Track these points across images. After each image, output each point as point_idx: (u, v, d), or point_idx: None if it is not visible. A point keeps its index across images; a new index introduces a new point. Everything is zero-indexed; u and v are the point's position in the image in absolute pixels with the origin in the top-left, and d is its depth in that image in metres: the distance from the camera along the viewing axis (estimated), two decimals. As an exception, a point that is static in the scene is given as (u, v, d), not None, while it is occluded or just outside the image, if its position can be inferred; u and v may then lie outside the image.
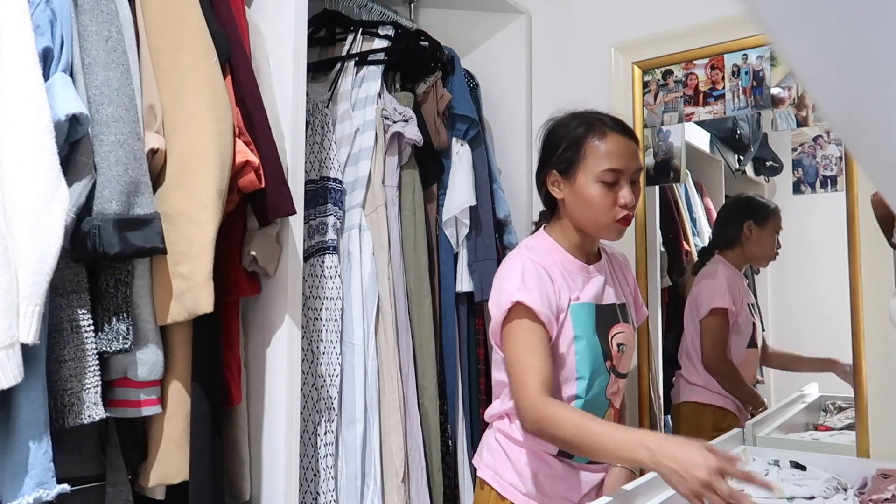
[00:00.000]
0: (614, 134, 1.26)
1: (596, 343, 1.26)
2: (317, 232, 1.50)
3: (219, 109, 1.14)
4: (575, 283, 1.27)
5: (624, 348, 1.31)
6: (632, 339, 1.34)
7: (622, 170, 1.24)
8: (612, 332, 1.30)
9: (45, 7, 1.00)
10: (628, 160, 1.25)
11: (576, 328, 1.24)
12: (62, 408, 0.99)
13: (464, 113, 1.80)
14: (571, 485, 1.28)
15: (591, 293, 1.29)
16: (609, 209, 1.24)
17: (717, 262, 1.89)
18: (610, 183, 1.24)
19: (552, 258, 1.28)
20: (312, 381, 1.45)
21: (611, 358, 1.28)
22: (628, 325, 1.34)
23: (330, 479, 1.42)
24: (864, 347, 1.57)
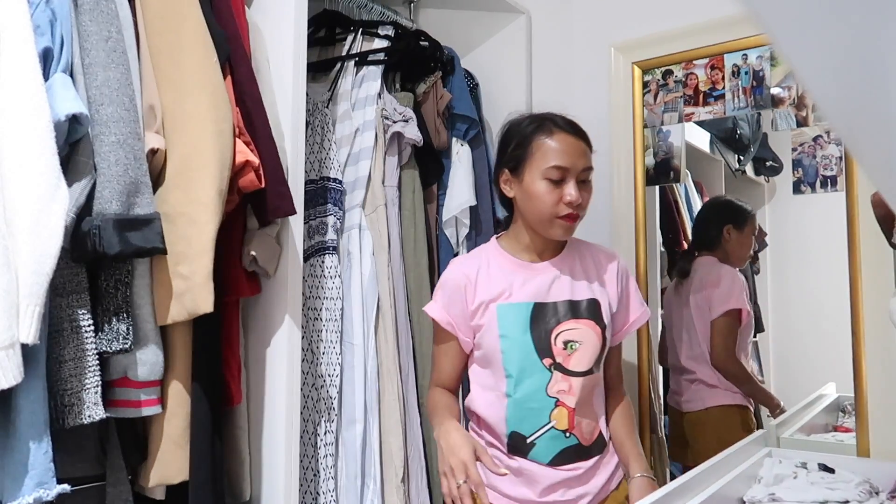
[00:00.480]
0: (562, 132, 1.28)
1: (526, 341, 1.28)
2: (317, 232, 1.50)
3: (219, 109, 1.14)
4: (508, 283, 1.31)
5: (576, 345, 1.29)
6: (592, 336, 1.30)
7: (568, 167, 1.25)
8: (556, 330, 1.29)
9: (45, 7, 1.00)
10: (575, 159, 1.26)
11: (501, 327, 1.29)
12: (62, 408, 0.99)
13: (464, 113, 1.80)
14: (526, 481, 1.29)
15: (530, 292, 1.31)
16: (554, 205, 1.26)
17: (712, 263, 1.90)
18: (556, 180, 1.25)
19: (488, 260, 1.35)
20: (312, 382, 1.45)
21: (551, 355, 1.28)
22: (586, 322, 1.30)
23: (330, 480, 1.42)
24: (864, 347, 1.57)
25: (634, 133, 1.95)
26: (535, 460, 1.28)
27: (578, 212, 1.27)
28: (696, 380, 1.88)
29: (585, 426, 1.31)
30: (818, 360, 1.89)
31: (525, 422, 1.28)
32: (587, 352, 1.29)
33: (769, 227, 2.09)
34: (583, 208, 1.28)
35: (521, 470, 1.29)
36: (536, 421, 1.28)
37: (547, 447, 1.28)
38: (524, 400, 1.28)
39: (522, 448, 1.28)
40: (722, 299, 1.84)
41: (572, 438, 1.28)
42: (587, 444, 1.31)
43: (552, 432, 1.28)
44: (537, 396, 1.27)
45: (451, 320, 1.33)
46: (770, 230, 2.08)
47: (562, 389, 1.28)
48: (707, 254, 1.92)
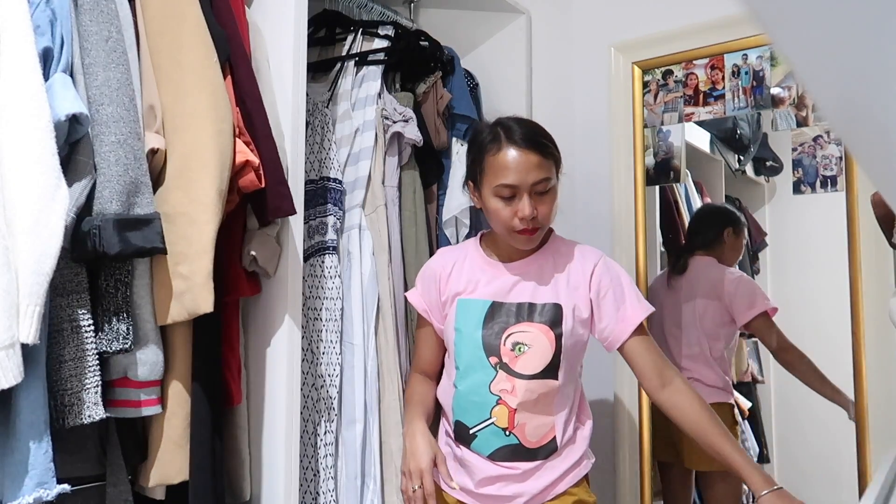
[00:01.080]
0: (511, 147, 1.24)
1: (476, 337, 1.30)
2: (317, 232, 1.50)
3: (219, 109, 1.14)
4: (476, 279, 1.35)
5: (524, 348, 1.28)
6: (543, 340, 1.28)
7: (516, 184, 1.23)
8: (508, 331, 1.29)
9: (45, 7, 1.00)
10: (523, 174, 1.23)
11: (457, 321, 1.33)
12: (62, 408, 0.99)
13: (464, 113, 1.80)
14: (467, 470, 1.33)
15: (491, 290, 1.33)
16: (508, 221, 1.25)
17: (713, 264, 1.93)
18: (506, 197, 1.25)
19: (466, 254, 1.40)
20: (312, 382, 1.45)
21: (497, 355, 1.29)
22: (539, 326, 1.28)
23: (330, 479, 1.42)
24: (864, 347, 1.57)
25: (634, 133, 1.96)
26: (476, 451, 1.31)
27: (534, 225, 1.26)
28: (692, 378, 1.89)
29: (531, 429, 1.29)
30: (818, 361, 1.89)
31: (468, 413, 1.32)
32: (536, 356, 1.28)
33: (769, 227, 2.09)
34: (540, 221, 1.26)
35: (464, 459, 1.33)
36: (478, 414, 1.31)
37: (487, 441, 1.30)
38: (467, 393, 1.32)
39: (465, 438, 1.33)
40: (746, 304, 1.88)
41: (512, 437, 1.29)
42: (531, 446, 1.30)
43: (492, 428, 1.30)
44: (480, 391, 1.30)
45: (426, 307, 1.40)
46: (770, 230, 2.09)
47: (504, 389, 1.29)
48: (703, 254, 1.95)
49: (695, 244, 1.98)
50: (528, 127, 1.29)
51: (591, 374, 1.89)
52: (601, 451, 1.51)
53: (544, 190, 1.25)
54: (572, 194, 2.07)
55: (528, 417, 1.29)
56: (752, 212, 2.16)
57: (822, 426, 1.90)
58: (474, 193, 1.35)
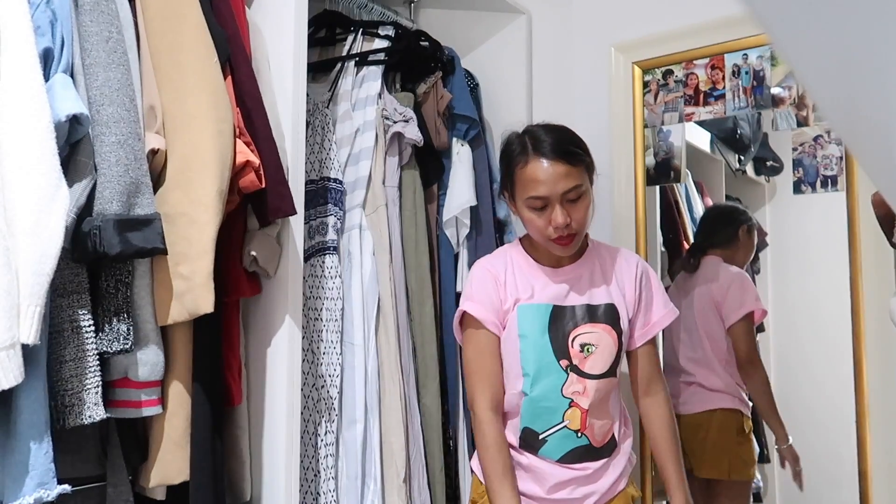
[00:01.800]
0: (537, 160, 1.25)
1: (545, 342, 1.30)
2: (317, 232, 1.50)
3: (219, 110, 1.14)
4: (530, 285, 1.34)
5: (592, 348, 1.31)
6: (608, 340, 1.32)
7: (546, 196, 1.24)
8: (574, 333, 1.31)
9: (45, 7, 1.00)
10: (552, 185, 1.24)
11: (521, 327, 1.31)
12: (63, 408, 0.99)
13: (464, 113, 1.80)
14: (535, 477, 1.32)
15: (550, 294, 1.33)
16: (543, 230, 1.27)
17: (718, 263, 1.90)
18: (539, 208, 1.26)
19: (512, 261, 1.37)
20: (313, 382, 1.45)
21: (567, 357, 1.30)
22: (602, 326, 1.32)
23: (330, 480, 1.42)
24: (865, 347, 1.57)
25: (635, 133, 1.95)
26: (545, 457, 1.31)
27: (569, 232, 1.26)
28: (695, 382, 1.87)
29: (598, 428, 1.32)
30: (818, 360, 1.89)
31: (539, 419, 1.31)
32: (603, 355, 1.31)
33: (769, 227, 2.09)
34: (575, 227, 1.27)
35: (531, 466, 1.32)
36: (550, 419, 1.30)
37: (558, 445, 1.30)
38: (539, 399, 1.30)
39: (534, 444, 1.31)
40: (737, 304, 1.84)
41: (584, 439, 1.31)
42: (598, 445, 1.33)
43: (564, 431, 1.30)
44: (552, 396, 1.30)
45: (492, 318, 1.33)
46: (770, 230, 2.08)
47: (576, 391, 1.30)
48: (715, 253, 1.92)
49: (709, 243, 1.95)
50: (556, 135, 1.28)
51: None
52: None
53: (576, 197, 1.26)
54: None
55: (596, 416, 1.32)
56: (753, 212, 2.15)
57: (822, 426, 1.90)
58: (511, 204, 1.36)
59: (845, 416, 1.66)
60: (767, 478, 2.08)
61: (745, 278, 1.88)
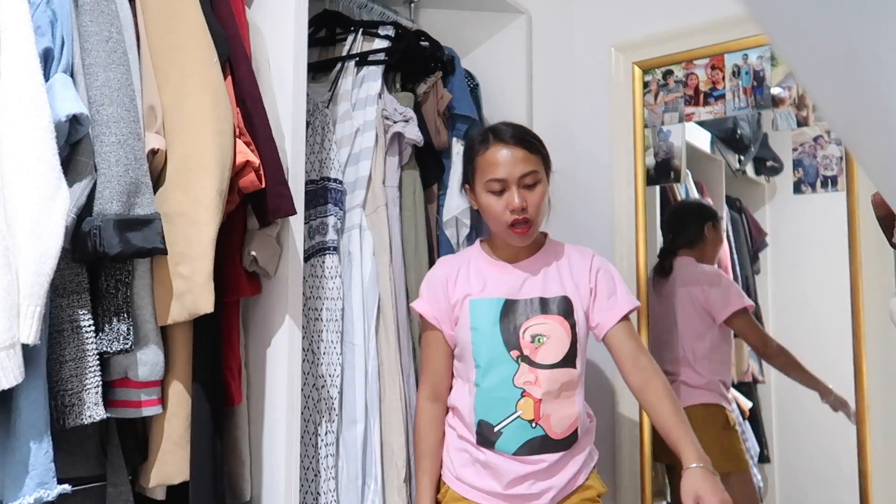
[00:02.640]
0: (497, 144, 1.34)
1: (495, 333, 1.35)
2: (317, 232, 1.50)
3: (219, 110, 1.14)
4: (484, 280, 1.40)
5: (543, 339, 1.34)
6: (560, 331, 1.35)
7: (504, 178, 1.33)
8: (525, 324, 1.35)
9: (45, 7, 1.00)
10: (510, 167, 1.32)
11: (473, 320, 1.37)
12: (63, 408, 0.99)
13: (464, 113, 1.80)
14: (493, 473, 1.34)
15: (503, 288, 1.38)
16: (501, 215, 1.34)
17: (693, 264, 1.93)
18: (497, 191, 1.33)
19: (469, 260, 1.45)
20: (313, 382, 1.45)
21: (518, 348, 1.34)
22: (555, 318, 1.36)
23: (331, 480, 1.42)
24: (865, 347, 1.57)
25: (635, 133, 1.95)
26: (501, 451, 1.33)
27: (527, 216, 1.33)
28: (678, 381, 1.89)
29: (556, 419, 1.33)
30: (818, 361, 1.88)
31: (492, 410, 1.34)
32: (556, 346, 1.35)
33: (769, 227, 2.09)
34: (531, 213, 1.33)
35: (489, 462, 1.34)
36: (503, 410, 1.33)
37: (513, 437, 1.32)
38: (491, 389, 1.34)
39: (490, 437, 1.34)
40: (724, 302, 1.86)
41: (539, 429, 1.33)
42: (556, 437, 1.33)
43: (518, 422, 1.33)
44: (504, 386, 1.34)
45: (436, 314, 1.42)
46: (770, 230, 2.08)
47: (528, 381, 1.33)
48: (686, 253, 1.94)
49: (677, 244, 1.96)
50: (515, 127, 1.38)
51: (592, 374, 1.89)
52: (601, 450, 1.51)
53: (532, 182, 1.34)
54: (572, 194, 2.06)
55: (553, 408, 1.33)
56: (753, 212, 2.15)
57: (822, 426, 1.90)
58: (471, 195, 1.43)
59: (845, 416, 1.66)
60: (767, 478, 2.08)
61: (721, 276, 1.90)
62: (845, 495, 1.66)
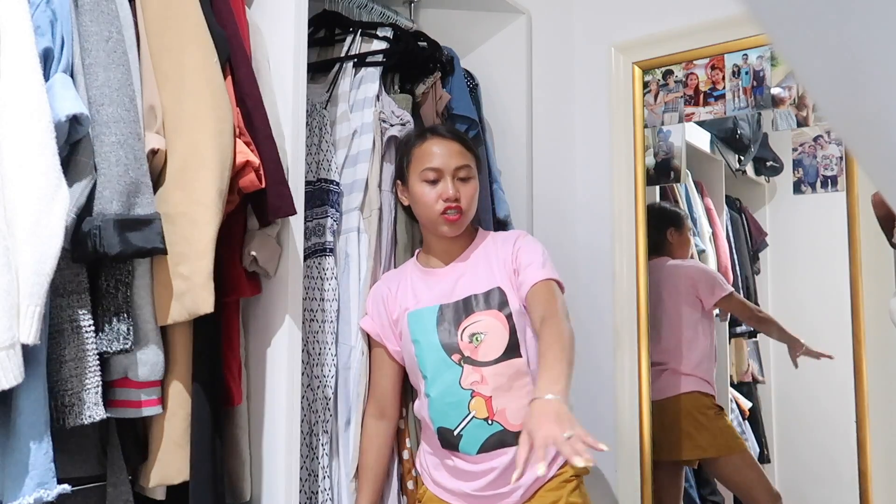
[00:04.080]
0: (434, 137, 1.42)
1: (434, 341, 1.36)
2: (314, 233, 1.49)
3: (219, 110, 1.14)
4: (416, 291, 1.42)
5: (481, 336, 1.34)
6: (497, 325, 1.34)
7: (440, 168, 1.38)
8: (461, 326, 1.35)
9: (45, 7, 1.00)
10: (447, 158, 1.38)
11: (412, 332, 1.39)
12: (63, 408, 0.99)
13: (463, 113, 1.79)
14: (461, 475, 1.36)
15: (435, 295, 1.40)
16: (434, 204, 1.37)
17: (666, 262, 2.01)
18: (432, 181, 1.38)
19: (406, 273, 1.46)
20: (308, 383, 1.44)
21: (458, 351, 1.34)
22: (488, 312, 1.35)
23: (326, 479, 1.42)
24: (865, 347, 1.57)
25: (635, 133, 1.95)
26: (465, 453, 1.34)
27: (459, 206, 1.36)
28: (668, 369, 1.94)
29: (511, 412, 1.31)
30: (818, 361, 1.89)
31: (447, 416, 1.35)
32: (495, 341, 1.34)
33: (769, 227, 2.09)
34: (463, 204, 1.37)
35: (455, 466, 1.36)
36: (458, 413, 1.34)
37: (473, 437, 1.33)
38: (441, 396, 1.35)
39: (452, 441, 1.34)
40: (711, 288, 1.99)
41: (496, 425, 1.32)
42: (516, 429, 1.28)
43: (474, 422, 1.33)
44: (452, 391, 1.34)
45: (378, 331, 1.44)
46: (770, 230, 2.09)
47: (474, 381, 1.33)
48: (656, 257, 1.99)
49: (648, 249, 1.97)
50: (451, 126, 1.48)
51: (591, 373, 1.89)
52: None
53: (466, 176, 1.40)
54: (572, 194, 2.07)
55: (506, 401, 1.32)
56: (753, 212, 2.16)
57: (822, 426, 1.90)
58: (403, 192, 1.47)
59: (845, 416, 1.66)
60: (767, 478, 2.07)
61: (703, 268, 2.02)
62: (845, 495, 1.66)
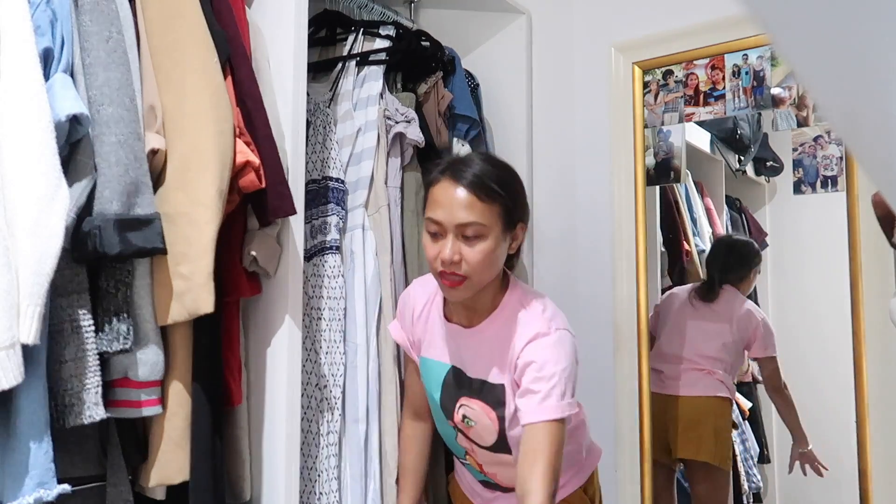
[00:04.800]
0: (447, 182, 1.11)
1: (436, 398, 1.30)
2: (319, 231, 1.50)
3: (219, 109, 1.14)
4: (433, 333, 1.28)
5: (471, 422, 1.22)
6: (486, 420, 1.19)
7: (441, 221, 1.10)
8: (460, 401, 1.24)
9: (45, 7, 1.00)
10: (451, 212, 1.09)
11: (423, 375, 1.34)
12: (63, 408, 0.99)
13: (465, 113, 1.80)
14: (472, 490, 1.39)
15: (451, 353, 1.25)
16: (433, 261, 1.13)
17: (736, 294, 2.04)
18: (432, 233, 1.13)
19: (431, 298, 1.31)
20: (315, 381, 1.45)
21: (453, 420, 1.27)
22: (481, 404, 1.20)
23: (333, 480, 1.42)
24: (865, 347, 1.57)
25: (635, 133, 1.95)
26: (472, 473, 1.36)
27: (457, 272, 1.10)
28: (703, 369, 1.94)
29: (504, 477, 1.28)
30: (818, 360, 1.89)
31: (451, 446, 1.37)
32: (482, 433, 1.22)
33: (769, 227, 2.09)
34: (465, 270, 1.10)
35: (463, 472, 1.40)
36: (458, 451, 1.35)
37: (472, 471, 1.35)
38: (442, 435, 1.38)
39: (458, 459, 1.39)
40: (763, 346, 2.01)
41: (489, 479, 1.32)
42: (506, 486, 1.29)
43: (471, 467, 1.34)
44: (450, 440, 1.35)
45: (403, 341, 1.39)
46: (770, 230, 2.09)
47: (467, 448, 1.31)
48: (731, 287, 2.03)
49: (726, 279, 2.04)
50: (482, 167, 1.13)
51: (591, 373, 1.89)
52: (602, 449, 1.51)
53: (474, 236, 1.09)
54: (573, 194, 2.07)
55: (497, 470, 1.28)
56: (753, 212, 2.16)
57: (822, 426, 1.90)
58: None
59: (845, 416, 1.66)
60: (767, 478, 2.08)
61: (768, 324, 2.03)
62: (845, 495, 1.66)
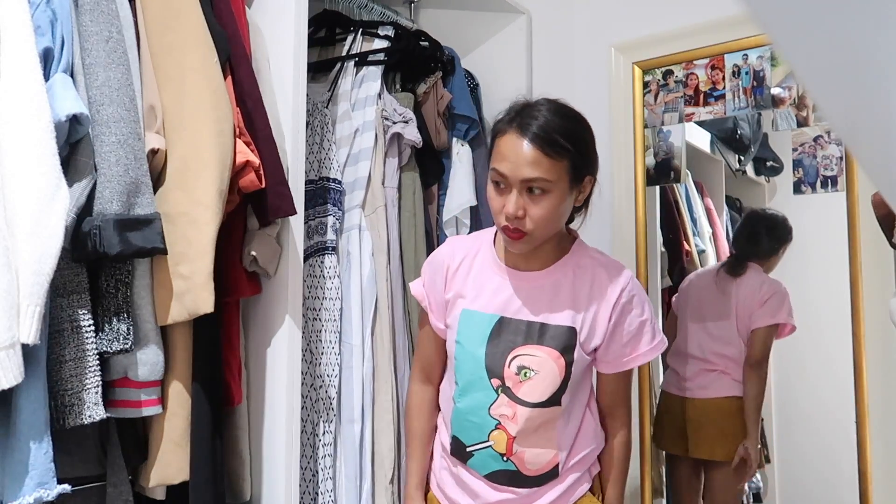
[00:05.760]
0: (514, 134, 1.10)
1: (479, 355, 1.18)
2: (316, 232, 1.50)
3: (219, 109, 1.14)
4: (482, 285, 1.21)
5: (530, 373, 1.16)
6: (553, 367, 1.15)
7: (506, 175, 1.09)
8: (514, 352, 1.16)
9: (45, 7, 1.00)
10: (516, 167, 1.08)
11: (459, 333, 1.20)
12: (63, 408, 0.99)
13: (464, 113, 1.80)
14: (466, 491, 1.24)
15: (500, 302, 1.19)
16: (497, 213, 1.12)
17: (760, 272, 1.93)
18: (498, 184, 1.12)
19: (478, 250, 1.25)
20: (311, 382, 1.45)
21: (500, 377, 1.17)
22: (548, 350, 1.16)
23: (328, 480, 1.42)
24: (865, 348, 1.57)
25: (635, 133, 1.95)
26: (472, 470, 1.22)
27: (520, 227, 1.10)
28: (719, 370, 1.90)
29: (530, 457, 1.19)
30: (818, 360, 1.89)
31: (465, 432, 1.22)
32: (542, 383, 1.16)
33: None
34: (529, 226, 1.10)
35: (461, 479, 1.24)
36: (476, 435, 1.20)
37: (484, 462, 1.20)
38: (466, 411, 1.21)
39: (462, 455, 1.23)
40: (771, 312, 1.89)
41: (510, 464, 1.19)
42: (530, 474, 1.19)
43: (489, 451, 1.19)
44: (479, 412, 1.19)
45: (429, 301, 1.28)
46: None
47: (505, 414, 1.17)
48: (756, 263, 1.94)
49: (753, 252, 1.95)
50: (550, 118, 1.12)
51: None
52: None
53: (539, 191, 1.09)
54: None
55: (527, 445, 1.18)
56: (753, 212, 2.15)
57: (821, 426, 1.90)
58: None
59: (845, 416, 1.66)
60: (767, 478, 2.08)
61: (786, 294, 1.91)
62: (845, 495, 1.66)
